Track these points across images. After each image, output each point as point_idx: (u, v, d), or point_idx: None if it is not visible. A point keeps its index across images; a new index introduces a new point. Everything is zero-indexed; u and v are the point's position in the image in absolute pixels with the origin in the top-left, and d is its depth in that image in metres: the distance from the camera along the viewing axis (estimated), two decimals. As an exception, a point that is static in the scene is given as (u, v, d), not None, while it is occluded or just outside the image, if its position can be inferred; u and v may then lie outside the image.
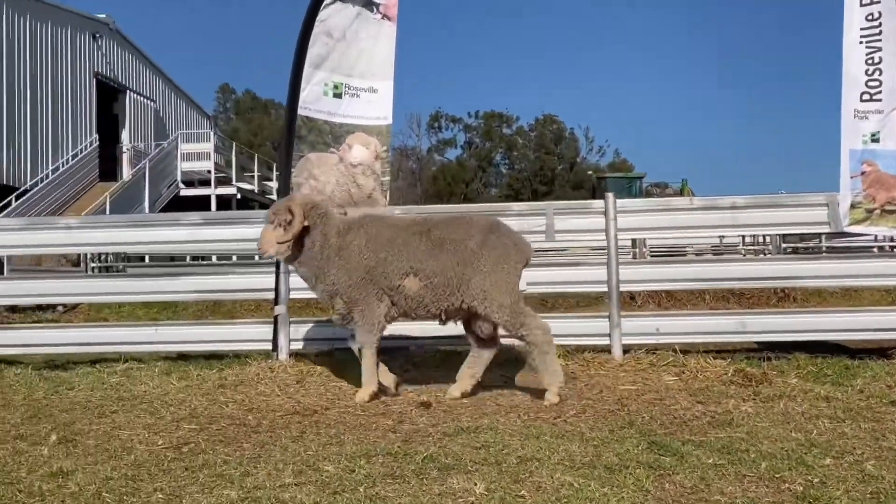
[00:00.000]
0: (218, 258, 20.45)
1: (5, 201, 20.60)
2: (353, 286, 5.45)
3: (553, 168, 64.20)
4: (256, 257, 17.31)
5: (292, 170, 6.81)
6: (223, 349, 7.48)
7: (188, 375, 6.40)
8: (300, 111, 6.82)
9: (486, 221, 5.62)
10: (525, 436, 4.27)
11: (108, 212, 20.53)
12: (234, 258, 20.34)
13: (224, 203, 26.15)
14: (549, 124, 65.85)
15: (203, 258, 20.25)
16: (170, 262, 21.21)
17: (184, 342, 7.44)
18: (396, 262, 5.43)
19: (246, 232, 7.20)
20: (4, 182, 22.15)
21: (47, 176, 23.31)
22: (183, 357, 7.51)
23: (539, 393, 5.46)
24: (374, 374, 5.53)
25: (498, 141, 65.85)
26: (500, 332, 5.59)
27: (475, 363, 5.65)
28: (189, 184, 26.92)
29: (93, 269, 17.13)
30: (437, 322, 5.65)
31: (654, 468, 3.66)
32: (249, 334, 7.30)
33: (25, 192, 21.89)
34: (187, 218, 7.34)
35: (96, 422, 4.99)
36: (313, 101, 6.88)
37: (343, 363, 6.44)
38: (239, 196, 26.92)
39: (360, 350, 5.56)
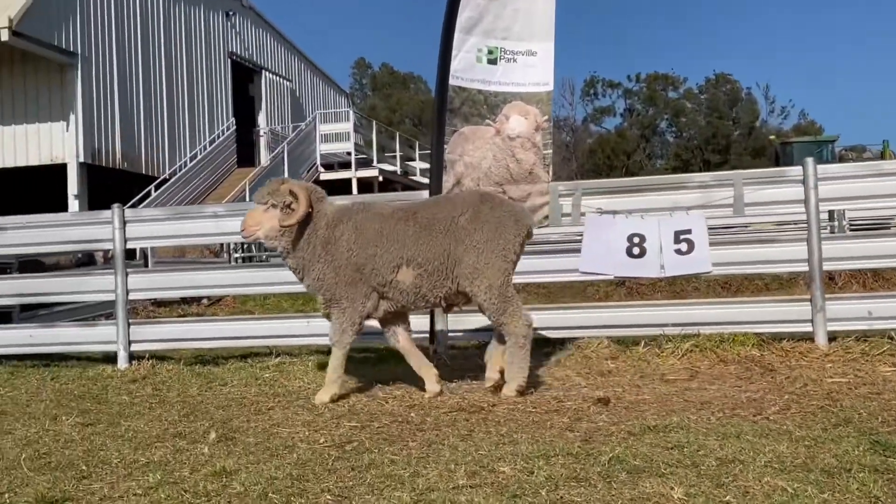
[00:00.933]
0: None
1: (144, 192, 21.80)
2: (340, 284, 5.49)
3: (728, 134, 62.17)
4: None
5: (445, 146, 6.87)
6: (378, 343, 7.65)
7: (347, 369, 6.57)
8: (451, 81, 6.85)
9: (476, 194, 5.62)
10: (723, 435, 4.15)
11: (247, 199, 21.39)
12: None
13: (365, 186, 26.78)
14: (721, 84, 63.81)
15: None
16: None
17: (336, 334, 7.64)
18: (387, 256, 5.44)
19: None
20: (143, 172, 23.42)
21: (185, 164, 24.51)
22: (335, 350, 7.73)
23: (732, 388, 5.30)
24: (341, 375, 5.64)
25: (663, 106, 64.36)
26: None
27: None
28: (328, 167, 27.70)
29: (235, 259, 17.93)
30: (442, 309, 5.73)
31: (882, 471, 3.48)
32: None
33: (164, 181, 23.09)
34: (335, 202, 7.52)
35: (254, 419, 5.22)
36: (465, 69, 6.89)
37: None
38: (381, 178, 27.50)
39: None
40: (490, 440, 4.33)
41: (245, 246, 18.81)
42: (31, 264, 11.27)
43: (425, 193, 7.18)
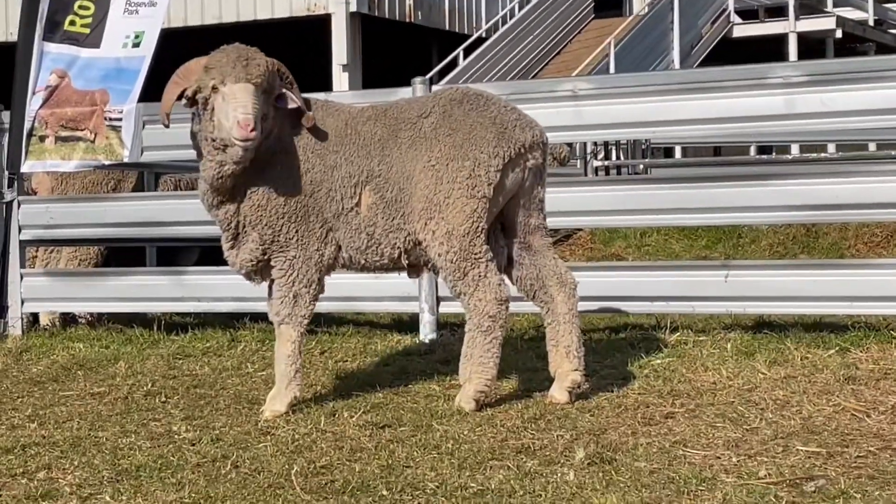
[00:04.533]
0: (802, 149, 20.57)
1: (450, 57, 22.42)
2: (289, 217, 5.88)
3: None
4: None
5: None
6: (836, 311, 7.51)
7: (785, 357, 6.55)
8: None
9: (458, 90, 5.89)
10: None
11: (611, 68, 21.51)
12: (829, 150, 20.36)
13: (811, 48, 26.15)
14: None
15: (767, 150, 20.54)
16: (701, 160, 21.82)
17: (766, 299, 7.57)
18: (348, 168, 5.89)
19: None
20: (446, 27, 24.14)
21: (511, 14, 25.04)
22: (766, 323, 7.67)
23: None
24: (298, 370, 6.04)
25: None
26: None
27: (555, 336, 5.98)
28: (748, 15, 27.27)
29: (595, 169, 18.12)
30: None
31: None
32: (888, 286, 7.23)
33: (480, 41, 23.67)
34: (779, 72, 7.40)
35: (642, 431, 5.35)
36: None
37: None
38: (839, 33, 26.69)
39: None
40: None
41: (608, 149, 19.02)
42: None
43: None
